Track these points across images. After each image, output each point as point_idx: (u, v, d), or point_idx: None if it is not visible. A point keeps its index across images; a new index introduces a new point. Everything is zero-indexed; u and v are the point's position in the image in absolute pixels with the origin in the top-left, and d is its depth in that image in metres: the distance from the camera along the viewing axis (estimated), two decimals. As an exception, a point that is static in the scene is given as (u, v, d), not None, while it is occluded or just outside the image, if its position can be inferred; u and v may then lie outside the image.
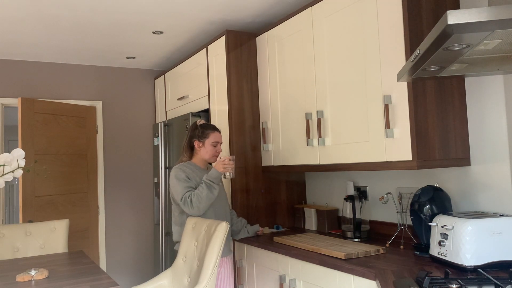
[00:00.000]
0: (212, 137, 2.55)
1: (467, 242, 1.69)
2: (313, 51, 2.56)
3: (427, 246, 2.04)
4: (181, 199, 2.40)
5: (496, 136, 1.99)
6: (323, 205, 3.05)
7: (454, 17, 0.99)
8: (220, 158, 2.48)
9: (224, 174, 2.46)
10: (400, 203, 2.39)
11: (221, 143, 2.61)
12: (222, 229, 2.16)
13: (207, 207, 2.42)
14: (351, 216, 2.51)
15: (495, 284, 1.44)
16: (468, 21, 0.98)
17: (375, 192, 2.63)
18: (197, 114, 3.33)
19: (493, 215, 1.79)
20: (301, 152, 2.67)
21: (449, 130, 2.05)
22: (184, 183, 2.43)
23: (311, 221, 2.95)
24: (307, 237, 2.55)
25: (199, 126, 2.58)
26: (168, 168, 3.71)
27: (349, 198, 2.54)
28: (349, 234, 2.52)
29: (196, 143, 2.56)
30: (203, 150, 2.55)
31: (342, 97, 2.35)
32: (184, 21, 3.20)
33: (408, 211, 2.34)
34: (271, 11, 3.06)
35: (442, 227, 1.81)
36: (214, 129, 2.57)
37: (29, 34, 3.35)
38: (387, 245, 2.31)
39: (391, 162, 2.06)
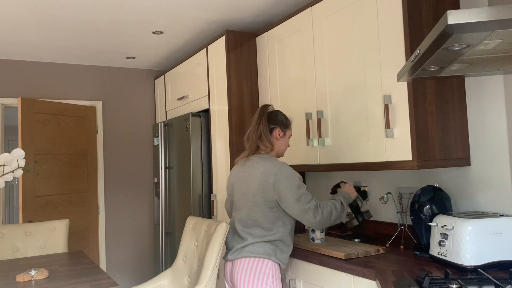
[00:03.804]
0: (291, 129, 2.25)
1: (467, 242, 1.69)
2: (313, 51, 2.56)
3: (427, 246, 2.04)
4: (310, 201, 2.02)
5: (496, 136, 1.99)
6: (323, 205, 3.05)
7: (454, 17, 0.99)
8: (344, 183, 2.23)
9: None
10: (400, 203, 2.39)
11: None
12: (222, 229, 2.16)
13: (325, 227, 2.09)
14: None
15: (495, 284, 1.43)
16: (468, 21, 0.98)
17: (375, 192, 2.63)
18: (197, 114, 3.33)
19: (493, 215, 1.79)
20: (301, 152, 2.66)
21: (449, 130, 2.05)
22: (305, 188, 2.08)
23: (311, 221, 2.94)
24: (307, 237, 2.55)
25: (280, 112, 2.22)
26: (168, 168, 3.70)
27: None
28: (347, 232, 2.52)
29: (277, 132, 2.18)
30: (282, 141, 2.20)
31: (342, 97, 2.35)
32: (184, 21, 3.20)
33: (408, 211, 2.34)
34: (271, 11, 3.06)
35: (442, 227, 1.81)
36: (291, 121, 2.28)
37: (29, 34, 3.35)
38: (387, 245, 2.31)
39: (391, 162, 2.06)
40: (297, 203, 2.00)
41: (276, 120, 2.19)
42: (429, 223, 1.91)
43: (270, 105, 2.24)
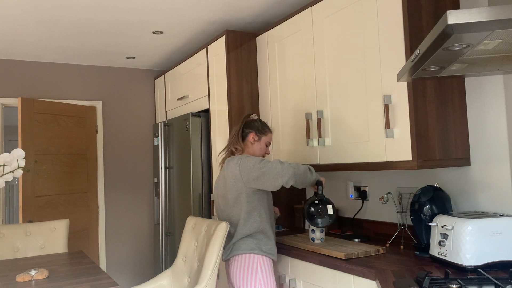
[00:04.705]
0: (269, 137, 2.41)
1: (467, 242, 1.69)
2: (313, 51, 2.56)
3: (427, 246, 2.04)
4: (278, 161, 2.19)
5: (496, 136, 1.99)
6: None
7: (454, 17, 0.99)
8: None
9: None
10: (400, 203, 2.39)
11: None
12: (222, 229, 2.16)
13: (296, 183, 2.19)
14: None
15: (495, 284, 1.44)
16: (468, 21, 0.98)
17: (375, 192, 2.63)
18: (197, 114, 3.33)
19: (493, 215, 1.79)
20: (301, 152, 2.66)
21: (449, 130, 2.05)
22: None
23: (311, 221, 2.94)
24: (307, 237, 2.55)
25: (259, 120, 2.43)
26: (168, 168, 3.70)
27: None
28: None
29: (252, 136, 2.36)
30: (257, 146, 2.37)
31: (342, 97, 2.35)
32: (184, 21, 3.20)
33: (408, 211, 2.34)
34: (271, 11, 3.06)
35: (442, 227, 1.81)
36: (271, 130, 2.44)
37: (29, 34, 3.35)
38: (387, 245, 2.31)
39: (391, 162, 2.06)
40: (264, 168, 2.15)
41: (253, 126, 2.38)
42: (429, 223, 1.91)
43: (252, 114, 2.46)
